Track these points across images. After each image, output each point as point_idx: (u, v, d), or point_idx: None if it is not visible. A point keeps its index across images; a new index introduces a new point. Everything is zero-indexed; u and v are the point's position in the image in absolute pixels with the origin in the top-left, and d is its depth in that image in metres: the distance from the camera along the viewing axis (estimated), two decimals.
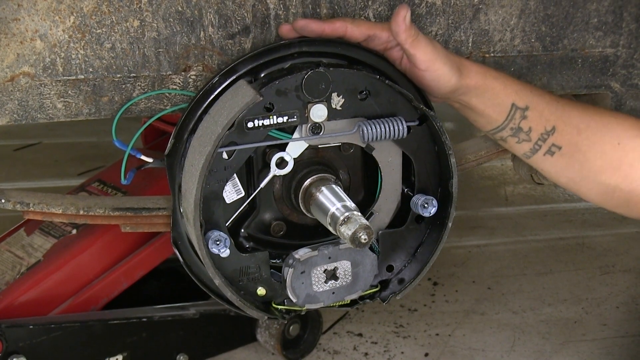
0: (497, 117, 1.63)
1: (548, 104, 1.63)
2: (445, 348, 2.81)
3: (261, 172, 1.61)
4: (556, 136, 1.64)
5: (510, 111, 1.61)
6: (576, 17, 1.85)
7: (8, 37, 1.51)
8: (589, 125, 1.64)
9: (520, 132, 1.64)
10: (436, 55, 1.54)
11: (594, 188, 1.69)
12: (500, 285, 3.23)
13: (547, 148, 1.65)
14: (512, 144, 1.67)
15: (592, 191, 1.70)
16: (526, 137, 1.64)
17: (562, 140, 1.64)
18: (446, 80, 1.56)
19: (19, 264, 2.48)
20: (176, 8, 1.58)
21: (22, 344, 2.27)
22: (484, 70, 1.61)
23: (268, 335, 2.66)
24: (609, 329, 2.93)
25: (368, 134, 1.53)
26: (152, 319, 2.48)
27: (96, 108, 1.63)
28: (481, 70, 1.60)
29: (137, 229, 1.85)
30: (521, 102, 1.62)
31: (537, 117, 1.62)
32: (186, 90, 1.66)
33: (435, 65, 1.54)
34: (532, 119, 1.62)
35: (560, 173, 1.70)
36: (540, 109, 1.62)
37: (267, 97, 1.48)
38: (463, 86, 1.58)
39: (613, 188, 1.67)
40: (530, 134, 1.64)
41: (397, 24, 1.50)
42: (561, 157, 1.66)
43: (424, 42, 1.52)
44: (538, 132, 1.63)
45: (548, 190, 4.12)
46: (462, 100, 1.62)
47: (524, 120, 1.62)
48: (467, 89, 1.59)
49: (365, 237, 1.45)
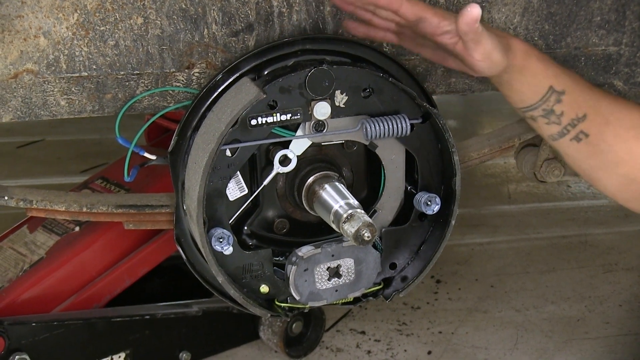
0: (532, 96, 1.63)
1: (583, 91, 1.64)
2: (448, 346, 2.81)
3: (264, 170, 1.61)
4: (586, 124, 1.64)
5: (547, 93, 1.61)
6: (579, 15, 1.85)
7: (12, 34, 1.51)
8: (617, 117, 1.65)
9: (552, 114, 1.64)
10: (494, 47, 1.53)
11: (612, 178, 1.70)
12: (503, 283, 3.23)
13: (575, 134, 1.65)
14: (541, 124, 1.67)
15: (609, 181, 1.71)
16: (557, 120, 1.64)
17: (590, 129, 1.65)
18: (497, 66, 1.56)
19: (22, 261, 2.49)
20: (180, 5, 1.58)
21: (25, 341, 2.27)
22: (528, 50, 1.61)
23: (271, 332, 2.66)
24: (612, 327, 2.93)
25: (371, 131, 1.53)
26: (155, 317, 2.48)
27: (99, 105, 1.63)
28: (526, 49, 1.60)
29: (140, 226, 1.85)
30: (559, 86, 1.62)
31: (571, 102, 1.63)
32: (189, 87, 1.66)
33: (492, 56, 1.54)
34: (566, 104, 1.63)
35: (582, 160, 1.70)
36: (576, 95, 1.63)
37: (271, 94, 1.48)
38: (508, 66, 1.58)
39: (631, 181, 1.68)
40: (562, 117, 1.64)
41: (468, 24, 1.47)
42: (587, 144, 1.66)
43: (486, 36, 1.51)
44: (569, 117, 1.64)
45: (551, 188, 4.12)
46: (503, 77, 1.62)
47: (557, 104, 1.62)
48: (510, 67, 1.59)
49: (369, 234, 1.45)
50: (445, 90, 1.84)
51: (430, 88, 1.81)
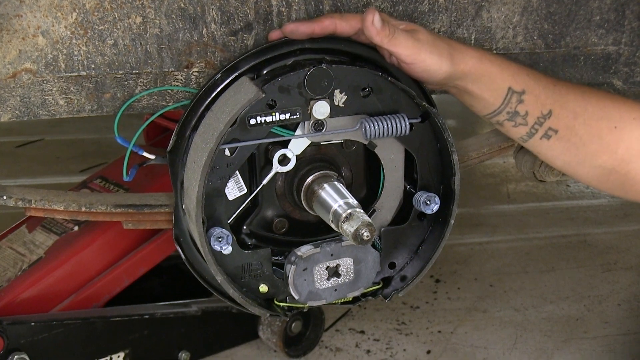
0: (493, 101, 1.61)
1: (545, 87, 1.62)
2: (447, 345, 2.81)
3: (263, 169, 1.61)
4: (552, 120, 1.63)
5: (507, 95, 1.60)
6: (578, 14, 1.85)
7: (10, 34, 1.51)
8: (585, 109, 1.63)
9: (517, 116, 1.63)
10: (419, 48, 1.52)
11: (590, 171, 1.69)
12: (502, 283, 3.23)
13: (544, 132, 1.64)
14: (509, 127, 1.66)
15: (588, 174, 1.70)
16: (523, 121, 1.63)
17: (558, 124, 1.63)
18: (436, 69, 1.54)
19: (21, 261, 2.49)
20: (179, 4, 1.58)
21: (24, 340, 2.27)
22: (479, 54, 1.59)
23: (270, 332, 2.66)
24: (611, 326, 2.93)
25: (370, 131, 1.53)
26: (154, 316, 2.48)
27: (98, 105, 1.63)
28: (477, 55, 1.58)
29: (139, 225, 1.85)
30: (518, 86, 1.60)
31: (534, 100, 1.61)
32: (188, 87, 1.66)
33: (420, 56, 1.52)
34: (529, 103, 1.61)
35: (556, 156, 1.69)
36: (537, 92, 1.61)
37: (270, 94, 1.48)
38: (457, 71, 1.56)
39: (609, 171, 1.66)
40: (527, 117, 1.62)
41: (367, 29, 1.49)
42: (557, 140, 1.65)
43: (402, 37, 1.50)
44: (534, 116, 1.62)
45: (550, 187, 4.12)
46: (458, 85, 1.60)
47: (520, 104, 1.61)
48: (462, 74, 1.57)
49: (368, 234, 1.44)
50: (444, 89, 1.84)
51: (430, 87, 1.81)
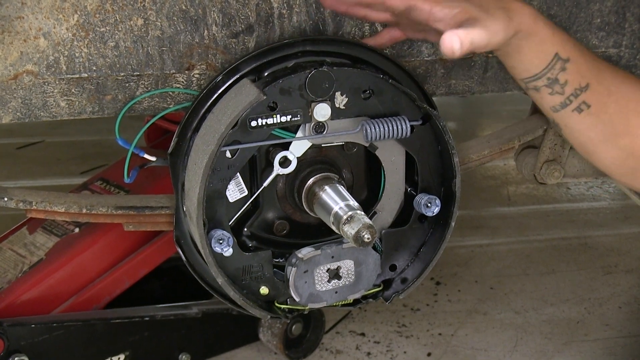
0: (538, 62, 1.59)
1: (587, 60, 1.62)
2: (447, 348, 2.81)
3: (264, 171, 1.61)
4: (588, 94, 1.62)
5: (552, 60, 1.59)
6: (579, 17, 1.85)
7: (12, 35, 1.51)
8: (619, 89, 1.64)
9: (556, 83, 1.61)
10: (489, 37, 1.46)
11: (610, 152, 1.69)
12: (502, 285, 3.23)
13: (577, 105, 1.63)
14: (544, 94, 1.64)
15: (607, 154, 1.70)
16: (560, 89, 1.62)
17: (592, 99, 1.63)
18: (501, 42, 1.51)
19: (21, 263, 2.49)
20: (180, 7, 1.58)
21: (24, 342, 2.27)
22: (535, 14, 1.56)
23: (270, 334, 2.66)
24: (612, 329, 2.93)
25: (371, 133, 1.53)
26: (154, 318, 2.48)
27: (99, 106, 1.63)
28: (532, 13, 1.56)
29: (139, 227, 1.84)
30: (564, 53, 1.59)
31: (575, 71, 1.60)
32: (190, 89, 1.66)
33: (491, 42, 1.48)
34: (570, 72, 1.60)
35: (582, 132, 1.69)
36: (580, 63, 1.61)
37: (271, 96, 1.48)
38: (515, 32, 1.53)
39: (627, 154, 1.67)
40: (565, 87, 1.61)
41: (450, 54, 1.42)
42: (588, 115, 1.64)
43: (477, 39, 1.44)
44: (572, 86, 1.62)
45: (551, 190, 4.12)
46: (511, 43, 1.57)
47: (562, 72, 1.60)
48: (517, 33, 1.54)
49: (369, 236, 1.45)
50: (445, 91, 1.84)
51: (431, 89, 1.81)
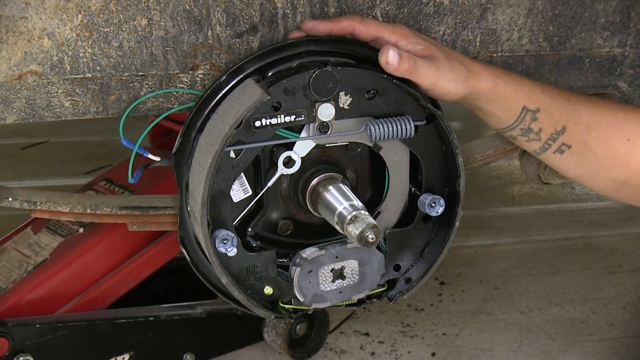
0: (507, 118, 1.63)
1: (560, 104, 1.63)
2: (452, 348, 2.81)
3: (268, 171, 1.61)
4: (566, 136, 1.64)
5: (521, 114, 1.61)
6: (584, 16, 1.85)
7: (16, 36, 1.51)
8: (599, 124, 1.65)
9: (530, 132, 1.64)
10: (439, 76, 1.52)
11: (603, 183, 1.71)
12: (507, 285, 3.23)
13: (557, 147, 1.66)
14: (522, 142, 1.68)
15: (601, 185, 1.73)
16: (536, 137, 1.64)
17: (571, 140, 1.65)
18: (452, 94, 1.55)
19: (26, 263, 2.49)
20: (184, 7, 1.58)
21: (29, 342, 2.28)
22: (495, 76, 1.59)
23: (275, 334, 2.66)
24: (616, 329, 2.92)
25: (375, 133, 1.53)
26: (158, 318, 2.48)
27: (104, 107, 1.63)
28: (492, 76, 1.59)
29: (144, 227, 1.84)
30: (532, 105, 1.61)
31: (548, 118, 1.62)
32: (194, 89, 1.66)
33: (440, 84, 1.52)
34: (543, 121, 1.62)
35: (569, 169, 1.71)
36: (552, 110, 1.62)
37: (275, 96, 1.47)
38: (473, 93, 1.57)
39: (622, 183, 1.69)
40: (540, 134, 1.64)
41: (385, 68, 1.49)
42: (571, 155, 1.66)
43: (423, 68, 1.50)
44: (548, 132, 1.64)
45: (555, 190, 4.12)
46: (472, 104, 1.61)
47: (534, 122, 1.62)
48: (477, 94, 1.58)
49: (373, 236, 1.44)
50: None
51: None
